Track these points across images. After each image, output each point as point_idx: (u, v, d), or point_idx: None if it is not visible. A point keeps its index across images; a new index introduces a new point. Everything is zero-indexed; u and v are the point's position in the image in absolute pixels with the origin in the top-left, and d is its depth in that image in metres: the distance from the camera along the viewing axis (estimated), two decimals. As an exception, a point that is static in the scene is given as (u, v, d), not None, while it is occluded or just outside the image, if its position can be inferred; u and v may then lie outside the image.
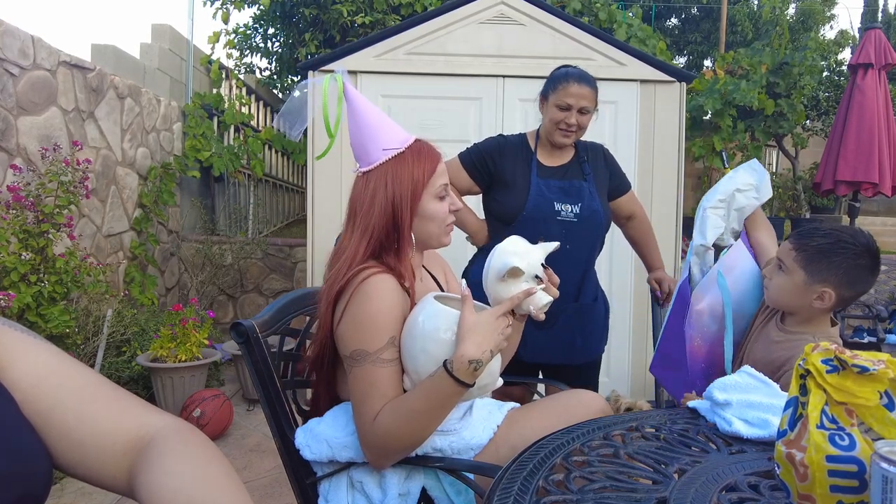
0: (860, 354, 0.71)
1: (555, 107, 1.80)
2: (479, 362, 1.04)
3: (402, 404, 1.08)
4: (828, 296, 1.29)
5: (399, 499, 1.15)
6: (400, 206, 1.17)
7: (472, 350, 1.04)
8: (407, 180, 1.18)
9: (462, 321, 1.07)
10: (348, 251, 1.18)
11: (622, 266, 3.15)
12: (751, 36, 8.42)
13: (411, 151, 1.20)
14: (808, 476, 0.68)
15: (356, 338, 1.12)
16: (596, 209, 1.85)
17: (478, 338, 1.06)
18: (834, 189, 4.62)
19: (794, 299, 1.34)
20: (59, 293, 2.55)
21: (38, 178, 2.70)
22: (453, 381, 1.04)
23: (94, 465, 0.64)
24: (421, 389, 1.08)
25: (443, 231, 1.26)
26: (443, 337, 1.08)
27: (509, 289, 1.16)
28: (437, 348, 1.08)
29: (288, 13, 5.98)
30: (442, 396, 1.06)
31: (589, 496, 0.76)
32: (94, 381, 0.69)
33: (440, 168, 1.23)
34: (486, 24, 3.12)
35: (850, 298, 1.32)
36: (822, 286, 1.29)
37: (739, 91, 4.87)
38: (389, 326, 1.12)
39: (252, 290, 4.43)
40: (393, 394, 1.11)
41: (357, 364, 1.11)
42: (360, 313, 1.12)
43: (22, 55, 2.81)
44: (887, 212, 7.98)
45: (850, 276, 1.28)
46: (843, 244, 1.29)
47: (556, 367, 1.88)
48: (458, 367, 1.04)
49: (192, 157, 4.39)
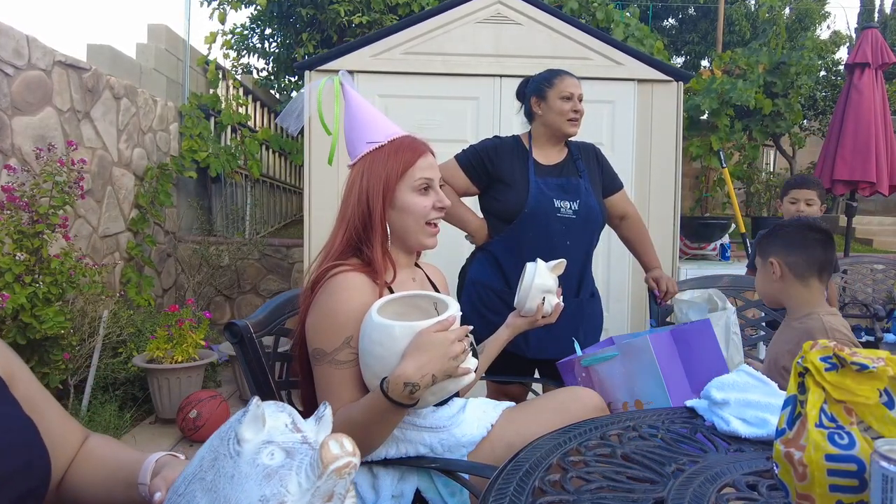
0: (859, 352, 0.71)
1: (559, 99, 1.88)
2: (415, 386, 0.97)
3: (349, 412, 1.06)
4: (775, 265, 1.45)
5: (392, 500, 1.14)
6: (371, 195, 1.17)
7: (410, 371, 0.98)
8: (380, 170, 1.18)
9: (418, 336, 1.00)
10: (328, 242, 1.19)
11: (620, 266, 3.15)
12: (748, 36, 8.43)
13: (392, 144, 1.21)
14: (806, 475, 0.67)
15: (316, 336, 1.11)
16: (593, 206, 1.89)
17: (423, 358, 0.98)
18: (831, 188, 4.62)
19: (762, 285, 1.51)
20: (54, 294, 2.54)
21: (32, 178, 2.69)
22: (389, 401, 1.00)
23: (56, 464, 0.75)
24: (363, 403, 1.05)
25: (421, 229, 1.21)
26: (378, 351, 1.02)
27: (554, 276, 1.44)
28: (375, 363, 1.04)
29: (285, 13, 5.97)
30: (379, 413, 1.02)
31: (586, 496, 0.76)
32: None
33: (421, 162, 1.21)
34: (484, 23, 3.12)
35: (799, 263, 1.44)
36: (769, 258, 1.46)
37: (736, 91, 4.87)
38: (348, 326, 1.09)
39: (249, 291, 4.41)
40: (347, 397, 1.09)
41: (316, 362, 1.11)
42: (321, 311, 1.11)
43: (16, 55, 2.80)
44: (884, 211, 7.99)
45: (786, 241, 1.45)
46: (783, 223, 1.51)
47: (554, 365, 1.88)
48: (393, 388, 0.99)
49: (188, 157, 4.37)
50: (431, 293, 1.18)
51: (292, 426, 0.60)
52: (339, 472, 0.53)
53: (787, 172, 6.38)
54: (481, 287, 1.91)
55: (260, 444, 0.56)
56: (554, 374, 1.87)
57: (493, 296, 1.88)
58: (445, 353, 0.99)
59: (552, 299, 1.43)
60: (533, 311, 1.43)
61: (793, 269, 1.44)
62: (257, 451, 0.56)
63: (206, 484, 0.56)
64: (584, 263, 1.93)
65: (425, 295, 1.16)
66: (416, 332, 1.01)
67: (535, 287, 1.40)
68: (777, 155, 7.87)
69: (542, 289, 1.41)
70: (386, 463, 1.16)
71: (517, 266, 1.88)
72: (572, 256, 1.87)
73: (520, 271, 1.88)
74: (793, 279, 1.44)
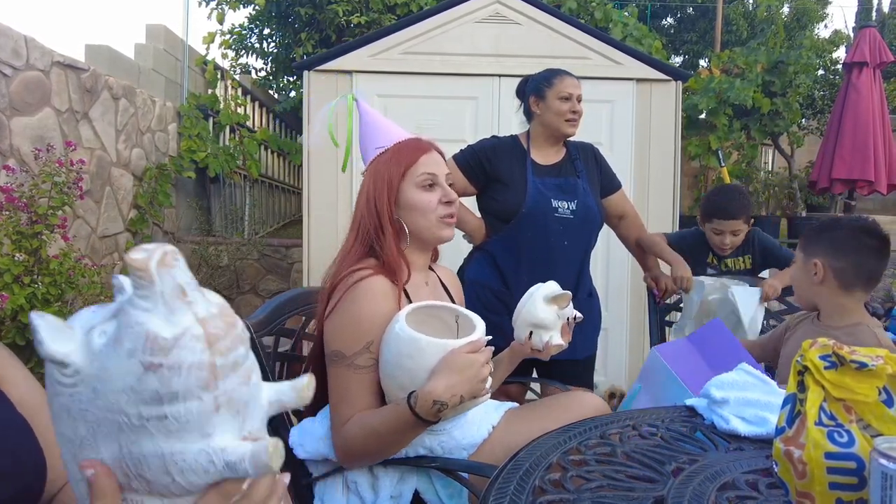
0: (858, 350, 0.71)
1: (557, 100, 1.87)
2: (444, 405, 0.99)
3: (367, 420, 1.08)
4: (819, 266, 1.31)
5: (391, 501, 1.14)
6: (377, 197, 1.20)
7: (441, 390, 0.99)
8: (384, 171, 1.22)
9: (450, 355, 1.01)
10: (343, 245, 1.23)
11: (619, 266, 3.15)
12: (746, 35, 8.44)
13: (396, 146, 1.24)
14: (806, 473, 0.68)
15: (336, 338, 1.13)
16: (591, 206, 1.89)
17: (454, 378, 1.00)
18: (830, 187, 4.63)
19: (801, 284, 1.38)
20: (53, 295, 2.54)
21: (31, 178, 2.68)
22: (414, 416, 1.01)
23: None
24: (385, 412, 1.07)
25: (434, 223, 1.23)
26: (407, 364, 1.03)
27: (549, 311, 1.24)
28: (402, 375, 1.04)
29: (284, 13, 5.96)
30: (402, 426, 1.04)
31: (586, 495, 0.76)
32: None
33: (424, 158, 1.23)
34: (482, 23, 3.12)
35: (846, 270, 1.30)
36: (813, 258, 1.32)
37: (734, 90, 4.87)
38: (369, 332, 1.11)
39: (248, 291, 4.41)
40: (363, 403, 1.10)
41: (334, 364, 1.13)
42: (344, 314, 1.13)
43: (15, 55, 2.79)
44: (883, 210, 7.99)
45: (836, 243, 1.31)
46: (835, 221, 1.35)
47: (552, 364, 1.88)
48: (422, 405, 1.00)
49: (187, 157, 4.37)
50: (456, 306, 1.19)
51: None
52: (162, 264, 0.42)
53: (785, 171, 6.38)
54: (479, 287, 1.91)
55: (68, 352, 0.44)
56: (552, 373, 1.87)
57: (490, 296, 1.88)
58: (475, 375, 1.01)
59: (543, 335, 1.25)
60: (521, 341, 1.29)
61: (838, 275, 1.29)
62: (86, 345, 0.44)
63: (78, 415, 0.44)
64: (581, 263, 1.93)
65: (450, 308, 1.18)
66: (448, 351, 1.02)
67: (522, 320, 1.26)
68: (776, 154, 7.88)
69: (529, 322, 1.25)
70: (386, 463, 1.16)
71: (515, 266, 1.88)
72: (570, 256, 1.89)
73: (518, 271, 1.89)
74: (836, 285, 1.30)
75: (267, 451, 0.43)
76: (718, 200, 2.11)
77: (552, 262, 1.84)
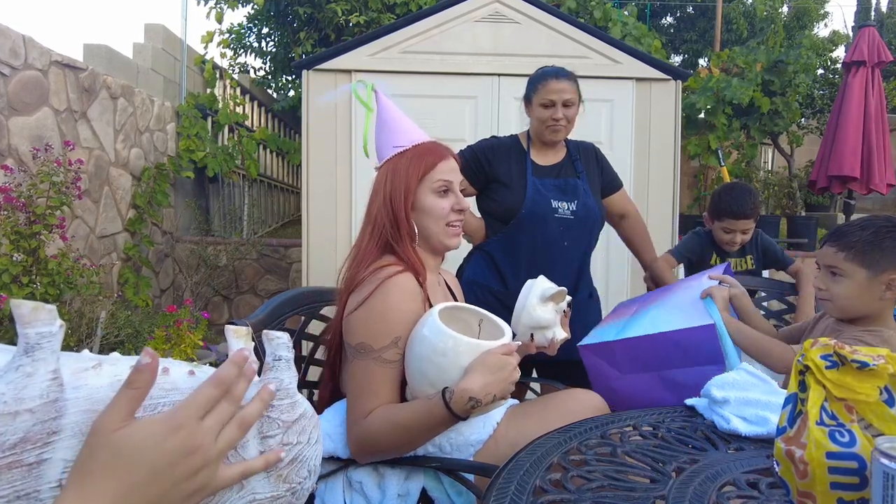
0: (860, 350, 0.71)
1: (539, 106, 1.85)
2: (478, 402, 1.01)
3: (393, 413, 1.08)
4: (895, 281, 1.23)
5: (398, 499, 1.14)
6: (395, 197, 1.22)
7: (477, 387, 1.01)
8: (403, 173, 1.23)
9: (486, 355, 1.04)
10: (358, 241, 1.25)
11: (619, 266, 3.15)
12: (746, 34, 8.44)
13: (416, 148, 1.26)
14: (807, 473, 0.67)
15: (364, 331, 1.14)
16: (591, 206, 1.88)
17: (488, 377, 1.03)
18: (829, 187, 4.63)
19: (862, 299, 1.27)
20: (51, 295, 2.53)
21: (29, 178, 2.68)
22: (447, 411, 1.02)
23: None
24: (415, 407, 1.07)
25: (443, 230, 1.26)
26: (441, 361, 1.04)
27: (547, 310, 1.24)
28: (433, 371, 1.05)
29: (282, 12, 5.96)
30: (432, 421, 1.05)
31: (587, 495, 0.75)
32: None
33: (442, 165, 1.25)
34: (482, 22, 3.11)
35: None
36: (887, 274, 1.23)
37: (731, 89, 4.87)
38: (398, 327, 1.12)
39: (247, 291, 4.40)
40: (387, 396, 1.11)
41: (359, 357, 1.13)
42: (375, 308, 1.13)
43: (13, 55, 2.79)
44: (882, 209, 8.01)
45: None
46: (885, 229, 1.25)
47: (553, 364, 1.88)
48: (457, 400, 1.01)
49: (186, 157, 4.36)
50: (481, 310, 1.21)
51: None
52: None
53: (785, 171, 6.38)
54: (478, 287, 1.90)
55: None
56: (553, 373, 1.87)
57: (489, 296, 1.88)
58: (508, 376, 1.04)
59: (546, 334, 1.27)
60: (525, 342, 1.29)
61: None
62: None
63: None
64: (581, 264, 1.92)
65: (474, 310, 1.20)
66: (483, 351, 1.04)
67: (523, 325, 1.27)
68: (775, 153, 7.89)
69: (530, 326, 1.26)
70: (392, 462, 1.16)
71: (514, 266, 1.88)
72: (570, 257, 1.88)
73: (517, 272, 1.88)
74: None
75: None
76: (730, 200, 2.08)
77: (552, 262, 1.84)
